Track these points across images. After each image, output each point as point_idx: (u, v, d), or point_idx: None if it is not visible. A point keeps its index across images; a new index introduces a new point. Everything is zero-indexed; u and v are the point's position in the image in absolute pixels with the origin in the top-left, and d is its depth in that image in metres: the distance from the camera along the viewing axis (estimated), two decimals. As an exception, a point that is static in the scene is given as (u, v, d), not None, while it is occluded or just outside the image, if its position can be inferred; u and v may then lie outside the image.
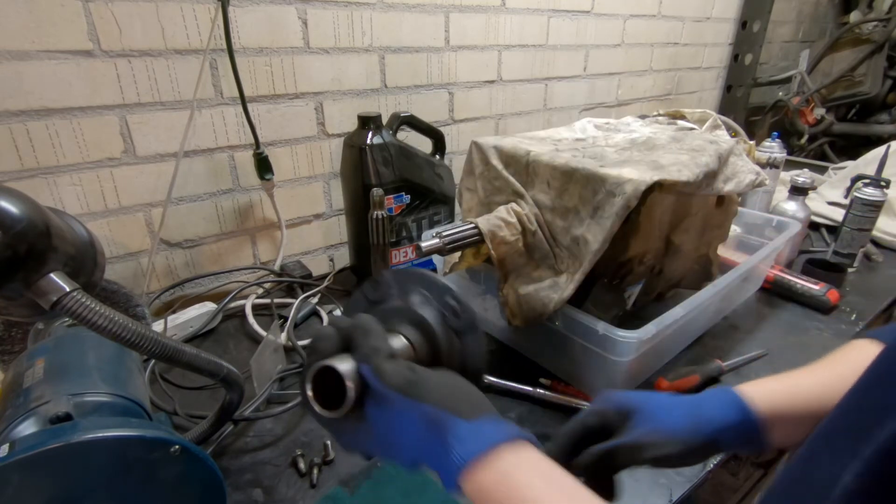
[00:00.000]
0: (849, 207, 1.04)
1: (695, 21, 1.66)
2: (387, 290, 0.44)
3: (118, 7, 0.72)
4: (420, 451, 0.33)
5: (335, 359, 0.34)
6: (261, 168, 0.90)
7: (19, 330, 0.61)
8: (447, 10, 1.06)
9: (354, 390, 0.34)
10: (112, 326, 0.39)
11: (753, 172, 0.76)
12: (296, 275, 0.96)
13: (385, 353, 0.34)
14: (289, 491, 0.55)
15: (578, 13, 1.31)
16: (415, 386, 0.33)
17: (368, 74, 1.00)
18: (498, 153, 0.75)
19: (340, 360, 0.34)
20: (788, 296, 0.96)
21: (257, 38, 0.85)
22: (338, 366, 0.34)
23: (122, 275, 0.85)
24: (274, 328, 0.75)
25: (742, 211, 1.03)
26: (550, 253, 0.70)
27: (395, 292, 0.44)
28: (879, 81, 2.15)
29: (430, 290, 0.42)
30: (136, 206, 0.83)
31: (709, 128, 0.92)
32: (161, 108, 0.80)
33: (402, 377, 0.33)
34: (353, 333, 0.35)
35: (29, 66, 0.69)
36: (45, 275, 0.37)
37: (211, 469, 0.42)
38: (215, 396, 0.69)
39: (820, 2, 2.23)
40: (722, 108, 1.95)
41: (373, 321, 0.36)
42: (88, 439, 0.36)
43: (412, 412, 0.33)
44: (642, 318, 0.67)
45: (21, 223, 0.35)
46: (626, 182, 0.60)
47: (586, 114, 1.48)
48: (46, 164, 0.74)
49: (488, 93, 1.22)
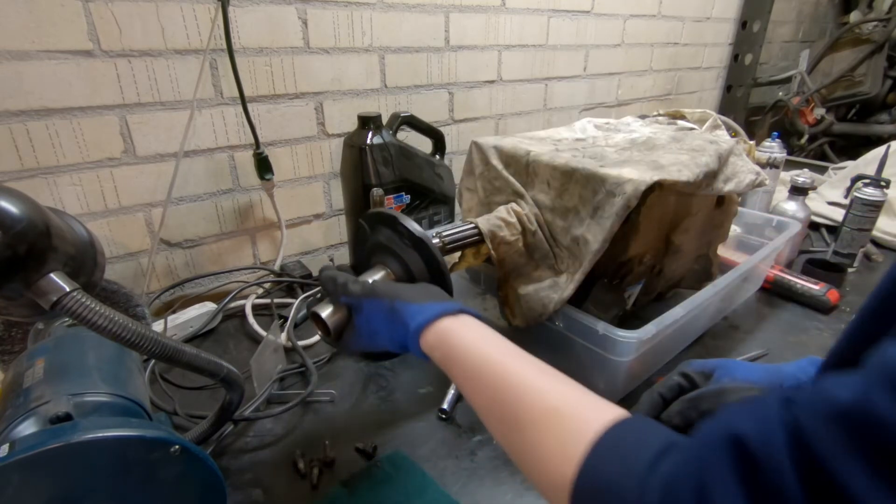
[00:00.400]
0: (849, 207, 1.04)
1: (695, 21, 1.66)
2: (365, 233, 0.60)
3: (118, 7, 0.72)
4: (391, 333, 0.46)
5: (317, 307, 0.51)
6: (261, 168, 0.90)
7: (19, 330, 0.61)
8: (447, 10, 1.06)
9: (332, 320, 0.50)
10: (112, 326, 0.39)
11: (753, 172, 0.76)
12: (296, 275, 0.96)
13: (348, 281, 0.50)
14: (289, 491, 0.55)
15: (578, 13, 1.31)
16: (373, 290, 0.49)
17: (368, 74, 1.00)
18: (498, 153, 0.75)
19: (321, 307, 0.51)
20: (788, 296, 0.95)
21: (257, 38, 0.85)
22: (316, 310, 0.51)
23: (122, 275, 0.85)
24: (274, 328, 0.75)
25: (742, 211, 1.03)
26: (550, 253, 0.70)
27: (368, 232, 0.59)
28: (879, 81, 2.15)
29: (388, 224, 0.57)
30: (136, 206, 0.83)
31: (709, 128, 0.92)
32: (161, 108, 0.80)
33: (362, 287, 0.50)
34: (325, 285, 0.52)
35: (29, 66, 0.69)
36: (45, 275, 0.37)
37: (211, 469, 0.42)
38: (215, 396, 0.69)
39: (820, 2, 2.23)
40: (722, 108, 1.95)
41: (335, 271, 0.52)
42: (88, 439, 0.36)
43: (378, 308, 0.48)
44: (642, 318, 0.67)
45: (21, 223, 0.35)
46: (626, 182, 0.60)
47: (586, 114, 1.48)
48: (46, 164, 0.74)
49: (488, 93, 1.22)
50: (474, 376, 0.40)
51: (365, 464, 0.58)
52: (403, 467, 0.58)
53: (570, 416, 0.33)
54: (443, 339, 0.43)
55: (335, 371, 0.75)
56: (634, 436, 0.30)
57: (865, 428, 0.20)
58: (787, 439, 0.22)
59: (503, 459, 0.59)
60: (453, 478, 0.57)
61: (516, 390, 0.37)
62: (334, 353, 0.77)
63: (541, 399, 0.35)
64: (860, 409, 0.21)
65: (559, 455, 0.31)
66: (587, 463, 0.30)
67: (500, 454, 0.60)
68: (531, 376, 0.37)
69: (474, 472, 0.57)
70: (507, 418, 0.36)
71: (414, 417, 0.66)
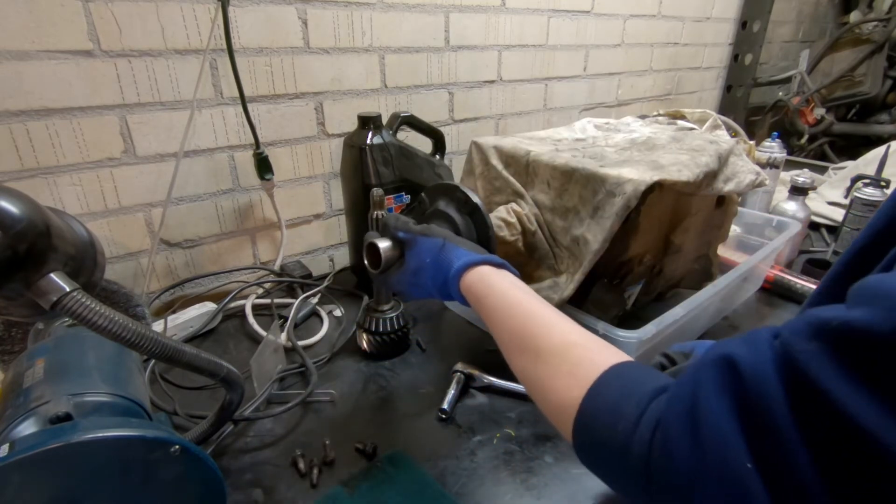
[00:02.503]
0: (849, 207, 1.04)
1: (695, 21, 1.66)
2: (425, 203, 0.69)
3: (118, 7, 0.72)
4: (436, 270, 0.52)
5: (375, 238, 0.57)
6: (261, 168, 0.90)
7: (19, 330, 0.61)
8: (447, 10, 1.06)
9: (386, 250, 0.57)
10: (112, 326, 0.39)
11: (753, 172, 0.76)
12: (296, 275, 0.96)
13: (410, 220, 0.57)
14: (289, 491, 0.55)
15: (578, 13, 1.31)
16: (429, 229, 0.56)
17: (368, 74, 1.00)
18: (498, 153, 0.75)
19: (379, 239, 0.57)
20: (788, 296, 0.95)
21: (257, 38, 0.85)
22: (375, 241, 0.57)
23: (122, 275, 0.84)
24: (274, 328, 0.75)
25: (742, 211, 1.03)
26: (550, 253, 0.70)
27: (428, 203, 0.69)
28: (879, 81, 2.15)
29: (447, 192, 0.67)
30: (136, 206, 0.83)
31: (709, 128, 0.92)
32: (161, 108, 0.80)
33: (421, 226, 0.57)
34: (387, 220, 0.58)
35: (29, 66, 0.69)
36: (45, 275, 0.37)
37: (211, 469, 0.42)
38: (215, 396, 0.69)
39: (820, 2, 2.23)
40: (722, 108, 1.95)
41: (400, 216, 0.58)
42: (88, 439, 0.36)
43: (430, 245, 0.54)
44: (642, 318, 0.67)
45: (21, 223, 0.35)
46: (626, 182, 0.60)
47: (586, 114, 1.48)
48: (46, 164, 0.74)
49: (488, 93, 1.22)
50: (504, 313, 0.45)
51: (365, 464, 0.58)
52: (403, 467, 0.58)
53: (587, 350, 0.38)
54: (482, 280, 0.49)
55: (335, 371, 0.75)
56: (640, 371, 0.34)
57: (845, 339, 0.22)
58: (773, 356, 0.24)
59: (503, 459, 0.59)
60: (453, 478, 0.57)
61: (541, 325, 0.42)
62: (334, 353, 0.78)
63: (562, 334, 0.40)
64: (840, 323, 0.22)
65: (571, 380, 0.36)
66: (594, 386, 0.34)
67: (500, 454, 0.60)
68: (556, 318, 0.43)
69: (474, 472, 0.57)
70: (528, 349, 0.41)
71: (414, 417, 0.66)
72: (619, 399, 0.32)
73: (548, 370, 0.38)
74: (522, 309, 0.44)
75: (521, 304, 0.45)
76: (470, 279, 0.49)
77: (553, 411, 0.37)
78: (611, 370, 0.34)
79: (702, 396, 0.26)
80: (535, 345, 0.40)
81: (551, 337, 0.40)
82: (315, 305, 0.90)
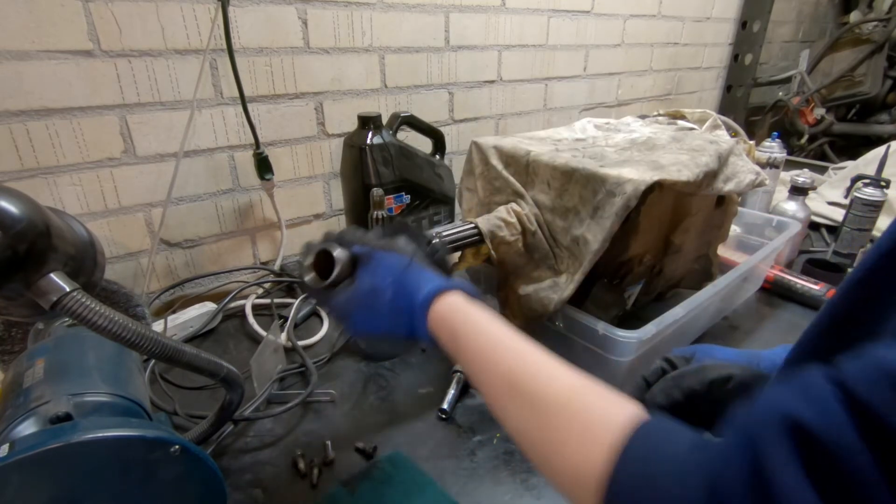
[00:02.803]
0: (849, 207, 1.04)
1: (695, 21, 1.66)
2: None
3: (118, 7, 0.72)
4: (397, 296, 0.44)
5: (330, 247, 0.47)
6: (261, 168, 0.90)
7: (19, 330, 0.61)
8: (447, 10, 1.06)
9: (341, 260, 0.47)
10: (112, 326, 0.39)
11: (753, 172, 0.76)
12: (296, 275, 0.96)
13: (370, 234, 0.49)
14: (289, 491, 0.55)
15: (578, 13, 1.31)
16: (393, 243, 0.47)
17: (368, 74, 1.00)
18: (498, 153, 0.75)
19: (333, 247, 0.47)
20: (788, 296, 0.95)
21: (257, 38, 0.85)
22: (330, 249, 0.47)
23: (122, 275, 0.84)
24: (274, 328, 0.75)
25: (742, 211, 1.03)
26: (550, 253, 0.70)
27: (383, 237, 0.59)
28: (879, 81, 2.15)
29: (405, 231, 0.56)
30: (136, 206, 0.83)
31: (709, 128, 0.92)
32: (161, 108, 0.80)
33: (381, 240, 0.48)
34: (344, 234, 0.50)
35: (29, 66, 0.69)
36: (45, 275, 0.37)
37: (211, 469, 0.42)
38: (215, 396, 0.69)
39: (820, 2, 2.23)
40: (722, 108, 1.95)
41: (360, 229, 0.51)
42: (88, 439, 0.36)
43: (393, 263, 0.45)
44: (642, 318, 0.67)
45: (21, 223, 0.35)
46: (626, 182, 0.60)
47: (586, 114, 1.48)
48: (46, 164, 0.74)
49: (488, 93, 1.22)
50: (489, 352, 0.39)
51: (365, 464, 0.58)
52: (403, 467, 0.58)
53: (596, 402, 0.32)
54: (460, 310, 0.41)
55: (335, 371, 0.75)
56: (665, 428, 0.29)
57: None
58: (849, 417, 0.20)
59: (503, 459, 0.59)
60: (453, 478, 0.57)
61: (537, 369, 0.36)
62: (334, 353, 0.77)
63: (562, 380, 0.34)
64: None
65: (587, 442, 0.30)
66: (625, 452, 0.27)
67: (500, 454, 0.60)
68: (552, 360, 0.37)
69: (474, 472, 0.57)
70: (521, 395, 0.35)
71: (414, 417, 0.66)
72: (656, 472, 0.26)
73: (550, 425, 0.32)
74: (505, 348, 0.38)
75: (503, 343, 0.39)
76: (442, 309, 0.42)
77: (563, 477, 0.31)
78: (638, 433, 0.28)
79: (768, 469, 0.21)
80: (532, 391, 0.34)
81: (550, 383, 0.34)
82: (315, 305, 0.90)
